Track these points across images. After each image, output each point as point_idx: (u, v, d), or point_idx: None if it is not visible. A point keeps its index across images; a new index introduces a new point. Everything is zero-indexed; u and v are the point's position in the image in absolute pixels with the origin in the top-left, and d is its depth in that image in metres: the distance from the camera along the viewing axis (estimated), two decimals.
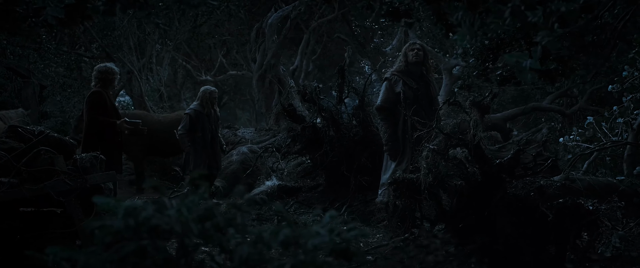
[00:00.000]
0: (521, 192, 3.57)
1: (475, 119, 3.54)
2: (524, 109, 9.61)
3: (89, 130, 5.63)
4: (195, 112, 7.70)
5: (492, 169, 3.54)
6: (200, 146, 7.65)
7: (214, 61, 20.30)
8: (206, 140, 7.72)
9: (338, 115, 7.43)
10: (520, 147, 3.60)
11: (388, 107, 5.11)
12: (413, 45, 5.35)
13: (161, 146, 9.87)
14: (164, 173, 10.55)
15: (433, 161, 3.59)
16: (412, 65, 5.26)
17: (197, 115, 7.68)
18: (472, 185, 3.62)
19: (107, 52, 12.27)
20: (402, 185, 3.80)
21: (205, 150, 7.71)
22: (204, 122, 7.72)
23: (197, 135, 7.67)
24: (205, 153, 7.70)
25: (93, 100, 5.65)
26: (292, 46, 17.36)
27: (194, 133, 7.65)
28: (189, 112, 7.73)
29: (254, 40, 13.65)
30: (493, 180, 3.56)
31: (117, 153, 5.80)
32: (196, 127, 7.66)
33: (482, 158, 3.58)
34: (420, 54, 5.24)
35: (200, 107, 7.80)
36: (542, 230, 3.40)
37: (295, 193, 8.05)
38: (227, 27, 17.89)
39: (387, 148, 4.96)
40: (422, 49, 5.27)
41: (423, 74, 5.30)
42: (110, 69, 5.85)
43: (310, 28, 15.94)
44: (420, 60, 5.22)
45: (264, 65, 12.35)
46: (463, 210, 3.65)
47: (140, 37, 12.83)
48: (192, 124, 7.64)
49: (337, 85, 8.07)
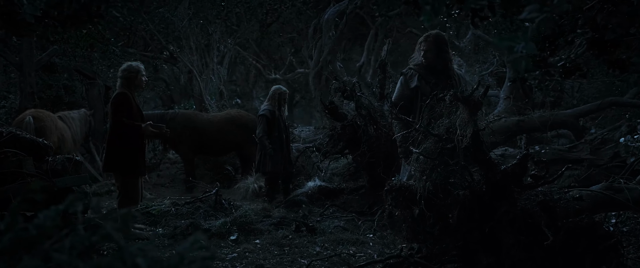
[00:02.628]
0: (532, 205, 2.94)
1: (463, 118, 2.97)
2: (599, 104, 8.53)
3: (113, 133, 5.55)
4: (270, 113, 7.65)
5: (496, 177, 2.95)
6: (277, 146, 7.57)
7: (284, 59, 20.35)
8: (281, 140, 7.65)
9: (377, 112, 6.95)
10: (527, 151, 2.97)
11: (403, 104, 4.58)
12: (427, 37, 4.78)
13: (211, 145, 9.85)
14: (216, 172, 10.53)
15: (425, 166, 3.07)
16: (429, 59, 4.69)
17: (273, 116, 7.62)
18: (476, 195, 3.05)
19: (170, 52, 12.51)
20: (398, 192, 3.31)
21: (281, 150, 7.59)
22: (278, 122, 7.65)
23: (274, 135, 7.60)
24: (280, 154, 7.61)
25: (118, 102, 5.55)
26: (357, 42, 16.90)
27: (271, 133, 7.58)
28: (265, 113, 7.66)
29: (311, 37, 13.35)
30: (497, 190, 2.97)
31: (141, 156, 5.69)
32: (272, 128, 7.60)
33: (485, 164, 3.00)
34: (432, 48, 4.67)
35: (273, 107, 7.70)
36: (553, 255, 2.77)
37: (336, 195, 7.65)
38: (294, 25, 17.82)
39: (400, 149, 4.44)
40: (435, 41, 4.68)
41: (446, 67, 4.70)
42: (133, 67, 5.72)
43: (377, 22, 15.41)
44: (433, 55, 4.66)
45: (320, 62, 12.02)
46: (466, 224, 3.09)
47: (201, 36, 12.96)
48: (269, 125, 7.59)
49: (378, 80, 7.58)
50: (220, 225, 5.35)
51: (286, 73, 19.29)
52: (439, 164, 3.04)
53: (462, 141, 2.88)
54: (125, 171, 5.48)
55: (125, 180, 5.51)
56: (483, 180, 3.06)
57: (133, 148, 5.53)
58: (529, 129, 8.28)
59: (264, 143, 7.61)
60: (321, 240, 5.01)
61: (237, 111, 10.25)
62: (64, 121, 9.77)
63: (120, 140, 5.51)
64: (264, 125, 7.66)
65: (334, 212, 6.97)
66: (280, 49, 19.60)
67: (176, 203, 6.55)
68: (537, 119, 7.97)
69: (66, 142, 9.36)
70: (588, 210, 3.09)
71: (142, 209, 6.41)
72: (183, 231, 5.44)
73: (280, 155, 7.70)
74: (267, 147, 7.58)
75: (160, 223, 6.04)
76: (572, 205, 3.00)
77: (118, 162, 5.47)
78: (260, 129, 7.70)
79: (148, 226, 6.00)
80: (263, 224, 5.58)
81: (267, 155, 7.63)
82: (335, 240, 4.99)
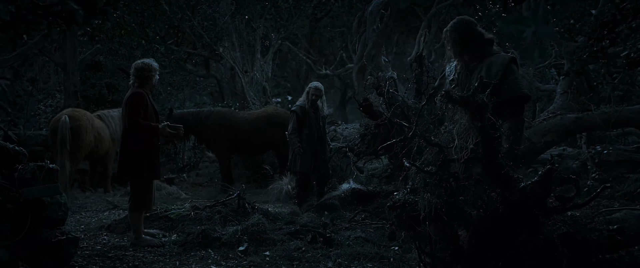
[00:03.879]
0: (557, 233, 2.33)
1: (463, 123, 2.38)
2: None
3: (128, 133, 5.28)
4: (301, 109, 7.28)
5: (514, 196, 2.37)
6: (308, 145, 7.17)
7: (335, 54, 19.86)
8: (313, 138, 7.25)
9: (411, 110, 6.36)
10: (552, 166, 2.36)
11: None
12: (444, 33, 4.28)
13: (247, 144, 9.55)
14: (255, 171, 10.23)
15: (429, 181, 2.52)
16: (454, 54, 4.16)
17: (304, 112, 7.25)
18: (491, 217, 2.48)
19: (212, 48, 12.34)
20: (402, 210, 2.77)
21: (313, 148, 7.21)
22: (311, 119, 7.27)
23: (305, 132, 7.21)
24: (312, 153, 7.20)
25: (133, 101, 5.24)
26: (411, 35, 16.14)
27: (301, 131, 7.22)
28: (295, 110, 7.31)
29: (355, 31, 12.79)
30: (517, 213, 2.39)
31: (156, 158, 5.40)
32: (303, 125, 7.23)
33: (500, 180, 2.41)
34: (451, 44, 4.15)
35: (305, 104, 7.32)
36: None
37: (370, 199, 7.12)
38: (345, 19, 17.31)
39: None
40: (452, 37, 4.16)
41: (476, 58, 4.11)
42: (146, 66, 5.42)
43: (430, 14, 14.64)
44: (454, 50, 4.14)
45: (364, 56, 11.46)
46: (480, 250, 2.53)
47: (245, 32, 12.72)
48: (300, 122, 7.23)
49: (415, 75, 6.97)
50: (231, 234, 4.97)
51: (337, 68, 18.80)
52: (445, 178, 2.49)
53: (462, 153, 2.32)
54: (136, 174, 5.21)
55: (137, 183, 5.24)
56: (500, 199, 2.48)
57: (145, 150, 5.23)
58: (589, 127, 7.41)
59: (293, 142, 7.20)
60: (336, 254, 4.52)
61: (274, 108, 9.88)
62: (103, 120, 9.75)
63: (133, 142, 5.23)
64: (294, 123, 7.26)
65: (365, 218, 6.47)
66: (330, 43, 19.14)
67: (196, 206, 6.25)
68: (599, 116, 7.09)
69: (103, 141, 9.33)
70: (635, 240, 2.44)
71: (161, 213, 6.16)
72: (195, 239, 5.11)
73: (311, 154, 7.25)
74: (296, 146, 7.17)
75: (176, 229, 5.75)
76: (611, 235, 2.36)
77: (130, 166, 5.20)
78: (290, 126, 7.31)
79: (164, 231, 5.73)
80: (278, 233, 5.15)
81: (297, 154, 7.22)
82: (352, 254, 4.49)
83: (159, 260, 4.70)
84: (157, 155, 5.43)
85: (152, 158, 5.30)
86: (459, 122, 2.38)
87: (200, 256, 4.76)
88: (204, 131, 9.44)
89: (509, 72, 4.06)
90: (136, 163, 5.20)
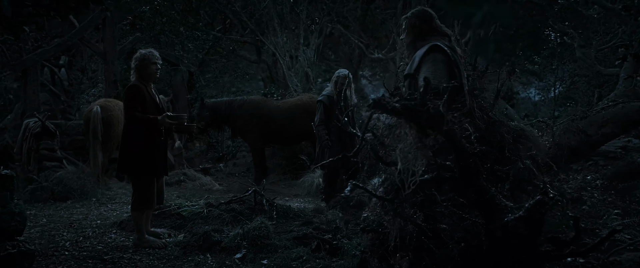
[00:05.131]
0: None
1: (407, 142, 1.80)
2: None
3: (128, 129, 4.99)
4: (329, 98, 6.80)
5: (497, 233, 1.81)
6: (335, 137, 6.70)
7: (388, 37, 19.08)
8: (340, 130, 6.76)
9: None
10: (543, 197, 1.76)
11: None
12: (403, 19, 3.79)
13: (281, 133, 9.16)
14: (291, 161, 9.87)
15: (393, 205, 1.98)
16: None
17: (331, 102, 6.77)
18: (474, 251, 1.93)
19: (255, 34, 12.01)
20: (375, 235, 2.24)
21: (340, 141, 6.75)
22: (339, 109, 6.78)
23: (333, 123, 6.75)
24: (341, 144, 6.72)
25: (129, 95, 4.93)
26: None
27: (329, 121, 6.78)
28: (322, 99, 6.83)
29: (400, 13, 12.05)
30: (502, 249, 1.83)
31: (159, 154, 5.07)
32: (331, 116, 6.76)
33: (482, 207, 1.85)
34: (403, 33, 3.60)
35: (332, 93, 6.85)
36: None
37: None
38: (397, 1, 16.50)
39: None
40: (410, 23, 3.63)
41: None
42: (145, 56, 5.06)
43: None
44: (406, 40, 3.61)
45: None
46: None
47: (288, 16, 12.29)
48: (327, 112, 6.76)
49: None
50: (231, 239, 4.61)
51: (390, 51, 18.05)
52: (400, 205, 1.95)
53: (408, 179, 1.77)
54: (136, 172, 4.94)
55: (137, 180, 4.97)
56: (483, 230, 1.92)
57: (145, 145, 4.93)
58: None
59: (321, 134, 6.72)
60: (339, 265, 4.05)
61: (309, 97, 9.41)
62: None
63: (131, 137, 4.94)
64: (322, 113, 6.76)
65: None
66: (383, 26, 18.39)
67: (211, 204, 5.94)
68: None
69: None
70: None
71: (174, 210, 5.91)
72: (196, 241, 4.80)
73: (340, 147, 6.72)
74: (324, 138, 6.69)
75: (185, 227, 5.47)
76: None
77: (129, 163, 4.93)
78: (317, 117, 6.83)
79: (174, 230, 5.46)
80: (283, 237, 4.74)
81: (325, 147, 6.74)
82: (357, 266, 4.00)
83: (155, 265, 4.42)
84: (160, 152, 5.10)
85: (154, 156, 4.99)
86: (405, 140, 1.83)
87: (196, 262, 4.43)
88: (236, 121, 9.14)
89: (426, 62, 3.35)
90: (135, 161, 4.92)
